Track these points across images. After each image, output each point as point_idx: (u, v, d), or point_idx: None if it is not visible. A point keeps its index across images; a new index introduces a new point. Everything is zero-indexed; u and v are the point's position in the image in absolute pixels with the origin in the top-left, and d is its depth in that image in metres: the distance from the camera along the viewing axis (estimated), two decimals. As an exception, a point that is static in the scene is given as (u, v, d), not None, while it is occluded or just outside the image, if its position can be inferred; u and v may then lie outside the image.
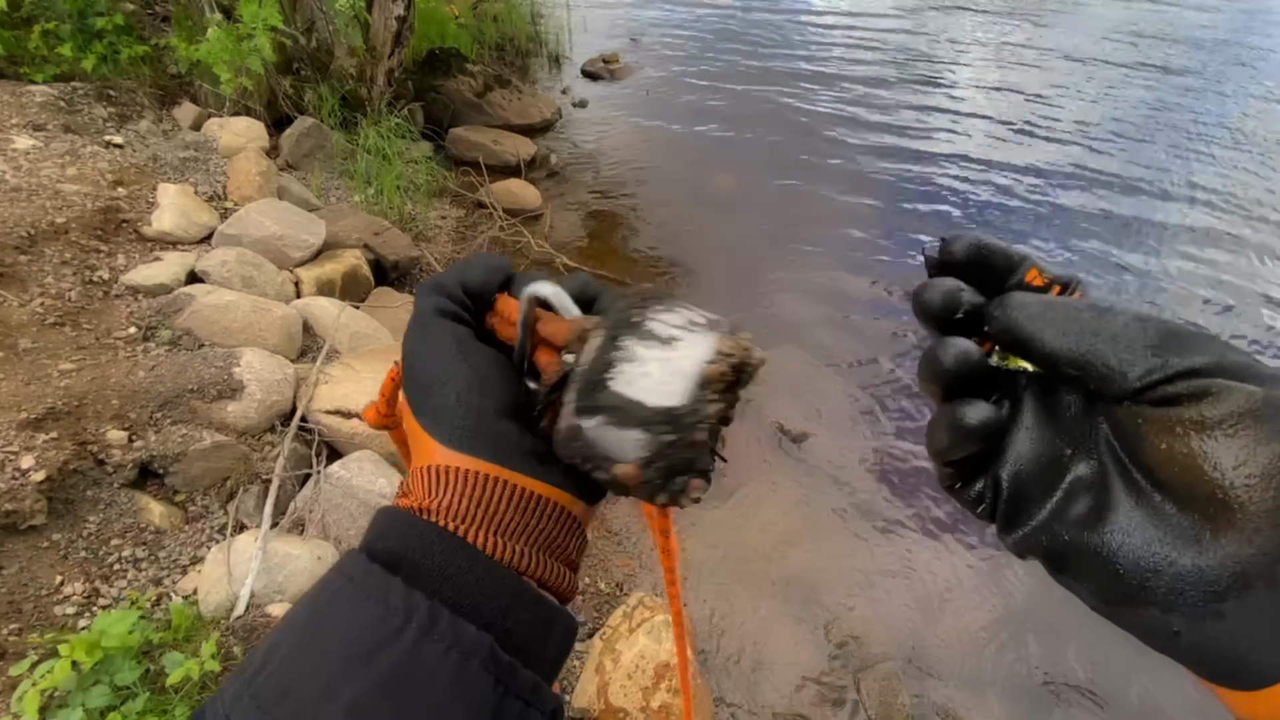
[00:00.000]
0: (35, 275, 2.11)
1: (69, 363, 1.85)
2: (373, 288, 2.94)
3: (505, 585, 0.27)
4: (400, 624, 0.24)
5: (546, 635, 0.28)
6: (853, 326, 3.51)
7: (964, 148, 5.27)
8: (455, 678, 0.24)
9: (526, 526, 0.29)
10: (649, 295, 0.30)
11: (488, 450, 0.29)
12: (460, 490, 0.28)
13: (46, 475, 1.54)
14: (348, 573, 0.26)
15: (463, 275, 0.34)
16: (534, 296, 0.33)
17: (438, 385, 0.30)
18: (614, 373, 0.27)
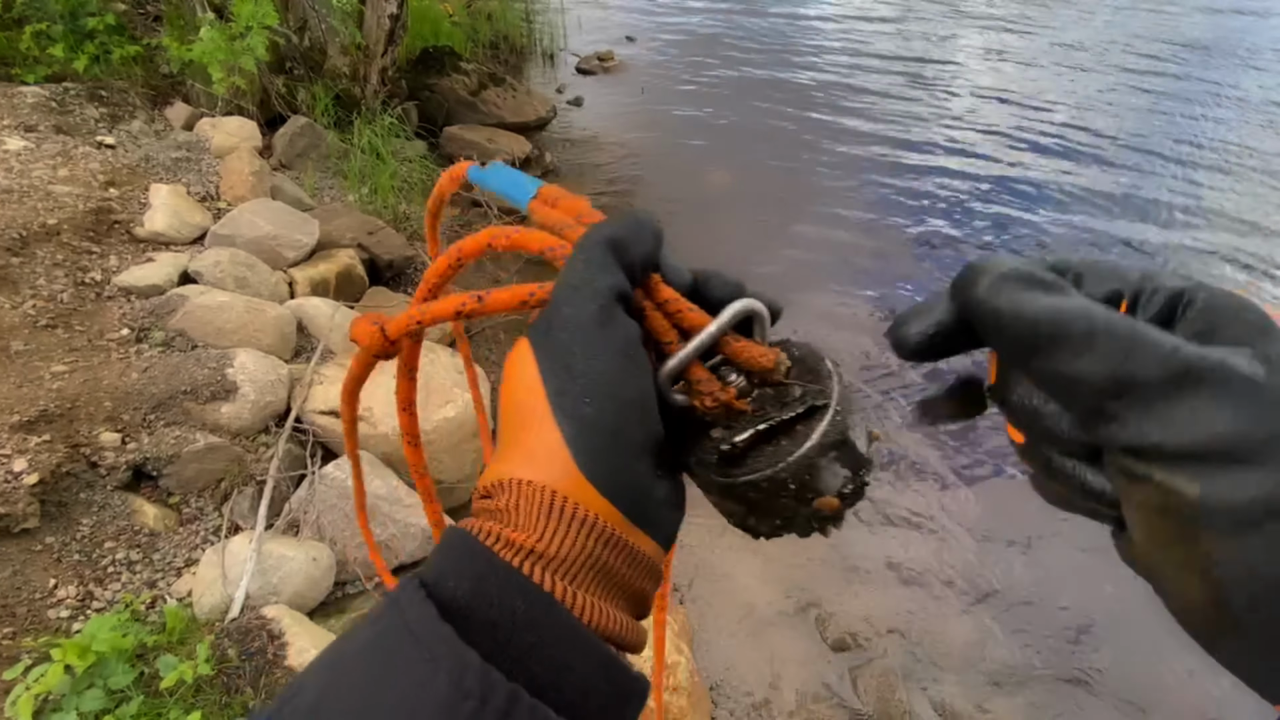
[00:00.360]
0: (27, 277, 2.10)
1: (61, 365, 1.84)
2: (367, 287, 2.93)
3: (593, 659, 0.24)
4: (474, 710, 0.20)
5: (624, 710, 0.25)
6: (848, 322, 3.51)
7: (958, 149, 5.27)
8: None
9: (623, 582, 0.26)
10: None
11: (624, 497, 0.25)
12: (577, 540, 0.24)
13: (39, 478, 1.53)
14: (412, 627, 0.22)
15: (645, 245, 0.28)
16: (745, 312, 0.30)
17: (602, 395, 0.25)
18: (850, 418, 0.29)
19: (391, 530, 1.88)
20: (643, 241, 0.28)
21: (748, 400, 0.30)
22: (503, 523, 0.25)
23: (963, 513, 2.68)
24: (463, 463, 2.25)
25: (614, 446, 0.25)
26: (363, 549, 1.81)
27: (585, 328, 0.26)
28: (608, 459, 0.25)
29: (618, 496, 0.25)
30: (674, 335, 0.29)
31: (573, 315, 0.26)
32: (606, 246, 0.27)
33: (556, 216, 0.31)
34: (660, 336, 0.30)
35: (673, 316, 0.29)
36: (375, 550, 0.50)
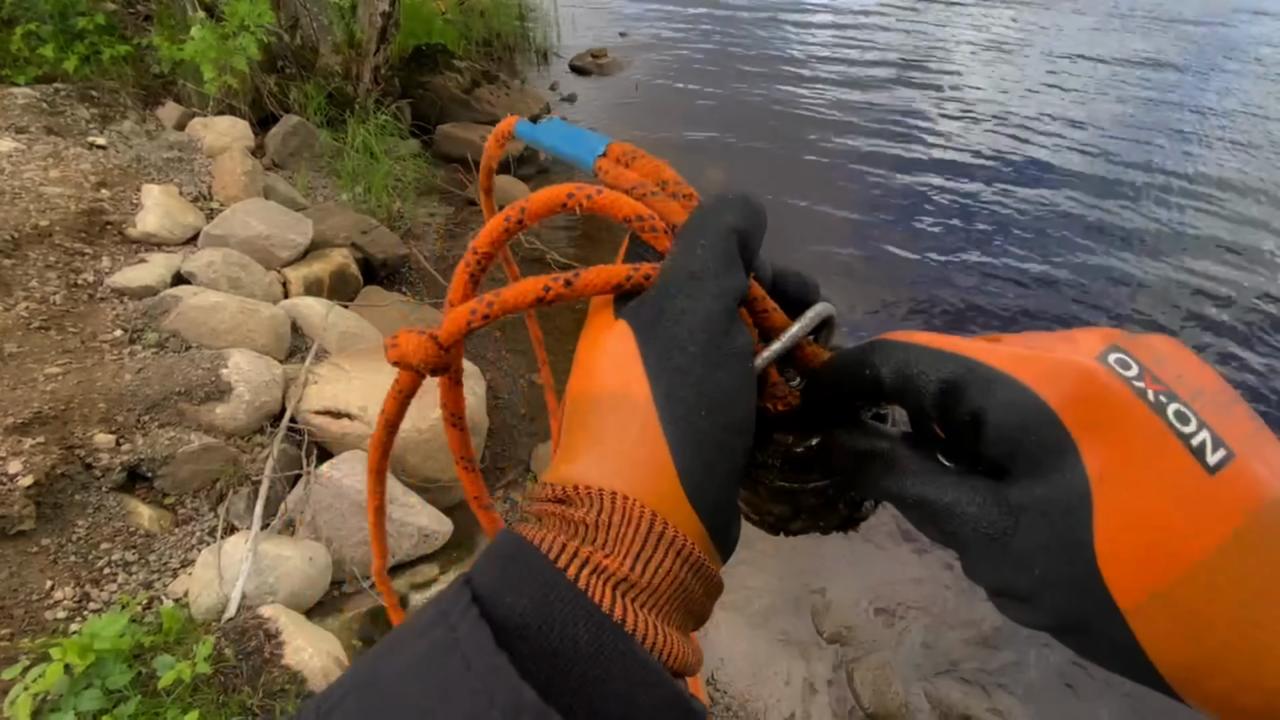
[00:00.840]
0: (19, 279, 2.10)
1: (55, 367, 1.84)
2: (361, 287, 2.93)
3: (658, 696, 0.21)
4: None
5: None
6: (853, 320, 3.52)
7: (952, 145, 5.28)
8: None
9: (698, 610, 0.24)
10: None
11: (718, 526, 0.23)
12: (673, 570, 0.22)
13: (34, 480, 1.53)
14: (465, 650, 0.20)
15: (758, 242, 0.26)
16: (824, 316, 0.28)
17: (720, 410, 0.23)
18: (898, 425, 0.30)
19: (387, 529, 1.89)
20: (759, 235, 0.26)
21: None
22: (583, 539, 0.22)
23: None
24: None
25: (722, 470, 0.23)
26: (359, 549, 1.82)
27: (709, 330, 0.23)
28: (714, 480, 0.23)
29: (714, 520, 0.23)
30: (755, 334, 0.28)
31: (692, 311, 0.23)
32: (733, 237, 0.24)
33: (632, 178, 0.28)
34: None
35: (759, 315, 0.27)
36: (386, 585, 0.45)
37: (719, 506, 0.23)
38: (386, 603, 0.45)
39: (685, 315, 0.23)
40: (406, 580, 1.88)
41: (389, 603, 0.45)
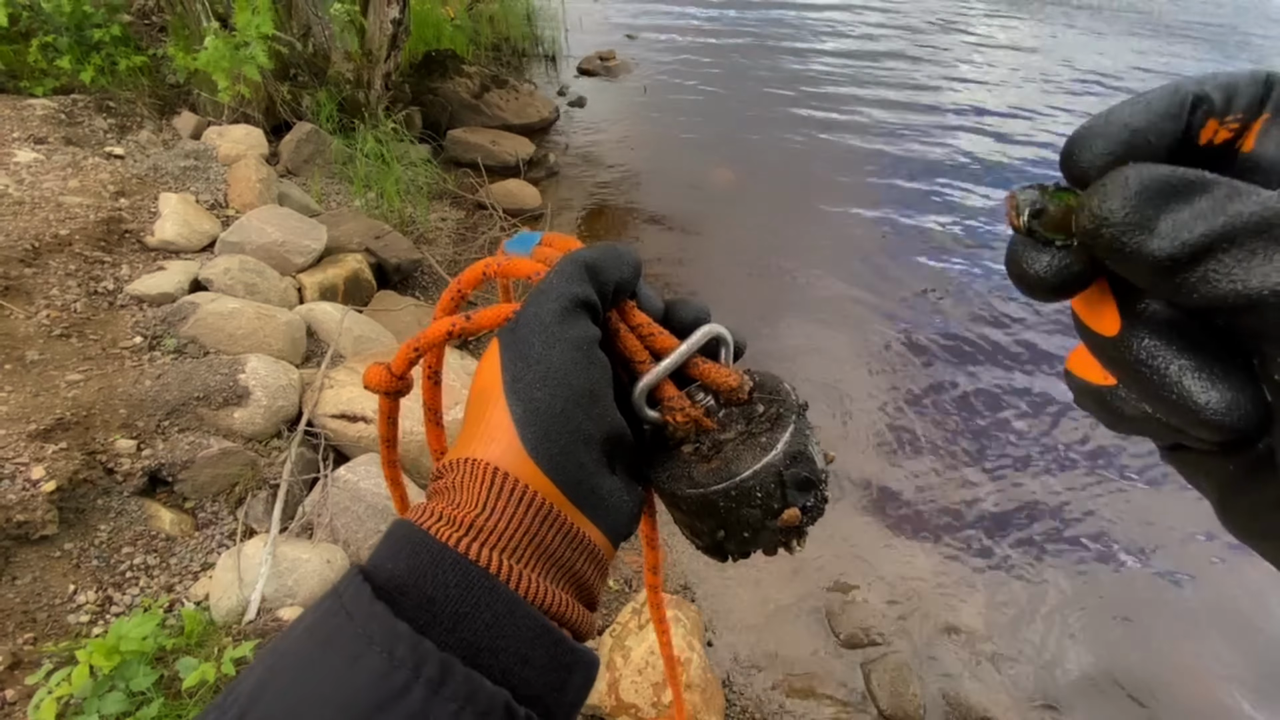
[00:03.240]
0: (41, 288, 2.13)
1: (76, 373, 1.87)
2: (375, 291, 2.95)
3: (526, 627, 0.24)
4: (407, 680, 0.21)
5: (565, 681, 0.26)
6: (861, 316, 3.50)
7: (965, 143, 5.24)
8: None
9: (563, 561, 0.27)
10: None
11: (565, 477, 0.27)
12: (517, 514, 0.26)
13: (57, 485, 1.55)
14: (348, 607, 0.23)
15: (618, 271, 0.30)
16: (712, 335, 0.33)
17: (552, 381, 0.27)
18: (810, 434, 0.32)
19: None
20: (617, 268, 0.30)
21: (715, 419, 0.32)
22: (447, 500, 0.26)
23: (985, 509, 2.67)
24: (473, 464, 2.26)
25: (560, 430, 0.27)
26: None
27: (544, 322, 0.28)
28: (553, 440, 0.27)
29: (559, 476, 0.27)
30: (646, 356, 0.32)
31: (535, 313, 0.28)
32: (580, 264, 0.30)
33: (550, 253, 0.34)
34: (633, 357, 0.32)
35: (645, 339, 0.32)
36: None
37: (567, 466, 0.27)
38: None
39: (530, 318, 0.29)
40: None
41: None
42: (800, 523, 0.31)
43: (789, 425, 0.31)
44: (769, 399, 0.32)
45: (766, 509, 0.31)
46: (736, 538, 0.32)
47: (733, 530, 0.31)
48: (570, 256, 0.30)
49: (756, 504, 0.30)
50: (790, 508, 0.31)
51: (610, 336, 0.32)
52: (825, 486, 0.32)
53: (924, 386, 3.12)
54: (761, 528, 0.31)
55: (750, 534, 0.32)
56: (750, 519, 0.31)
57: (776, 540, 0.32)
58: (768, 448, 0.30)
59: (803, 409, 0.32)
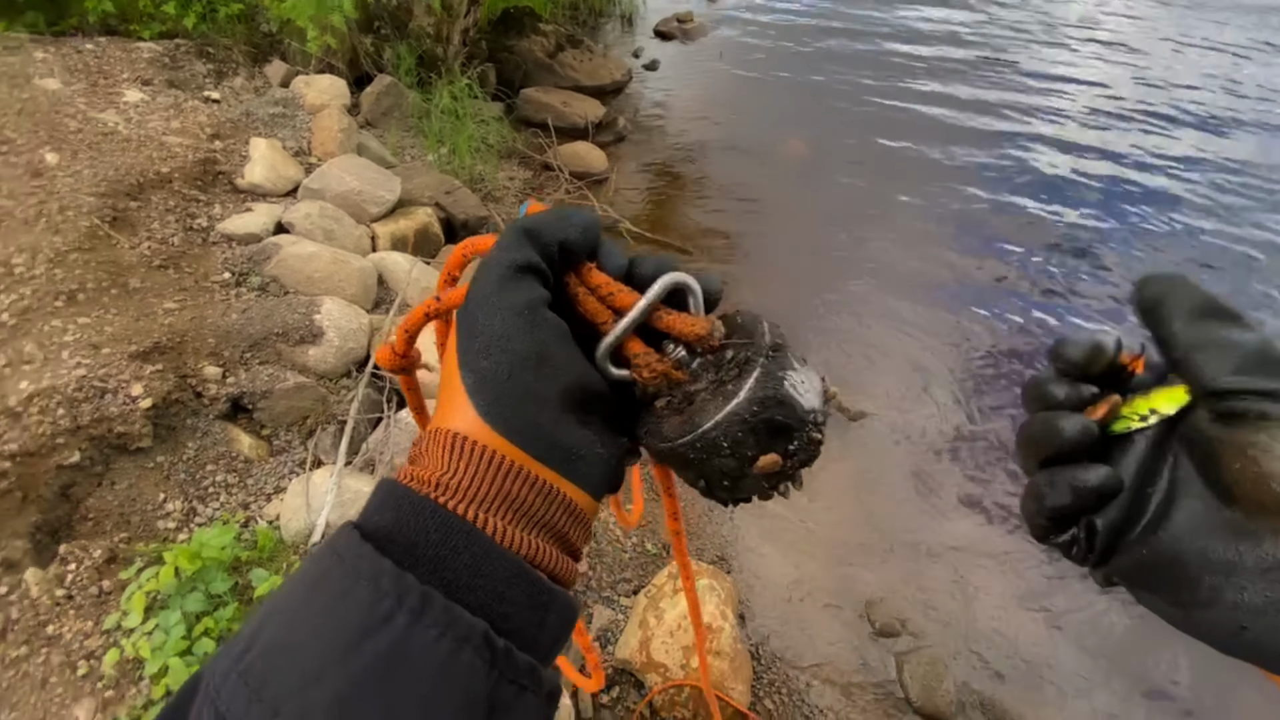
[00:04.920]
0: (144, 221, 2.29)
1: (172, 302, 2.01)
2: (442, 245, 3.03)
3: (502, 568, 0.26)
4: (391, 609, 0.23)
5: (543, 618, 0.27)
6: (923, 308, 3.37)
7: (1064, 132, 4.88)
8: (447, 664, 0.23)
9: (536, 514, 0.28)
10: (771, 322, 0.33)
11: (522, 436, 0.28)
12: (480, 472, 0.27)
13: (152, 403, 1.70)
14: (339, 551, 0.25)
15: (561, 232, 0.30)
16: (673, 285, 0.31)
17: (496, 348, 0.28)
18: (786, 374, 0.30)
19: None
20: (559, 229, 0.30)
21: (687, 370, 0.31)
22: (419, 465, 0.28)
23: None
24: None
25: (510, 394, 0.28)
26: (430, 492, 1.93)
27: (484, 293, 0.29)
28: (504, 404, 0.28)
29: (517, 437, 0.28)
30: (609, 316, 0.31)
31: (477, 286, 0.29)
32: (519, 230, 0.30)
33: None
34: (595, 318, 0.31)
35: (606, 299, 0.31)
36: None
37: (524, 427, 0.28)
38: None
39: (473, 290, 0.29)
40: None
41: None
42: (784, 467, 0.30)
43: (754, 370, 0.29)
44: (739, 344, 0.31)
45: (739, 458, 0.30)
46: (719, 486, 0.31)
47: (712, 480, 0.31)
48: (511, 226, 0.31)
49: (726, 454, 0.29)
50: (766, 454, 0.30)
51: (571, 300, 0.31)
52: (814, 428, 0.30)
53: (986, 389, 3.00)
54: (741, 475, 0.30)
55: (731, 482, 0.31)
56: (726, 468, 0.30)
57: (762, 486, 0.31)
58: (731, 396, 0.29)
59: (774, 350, 0.30)
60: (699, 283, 0.32)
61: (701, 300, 0.32)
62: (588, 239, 0.32)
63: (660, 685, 1.93)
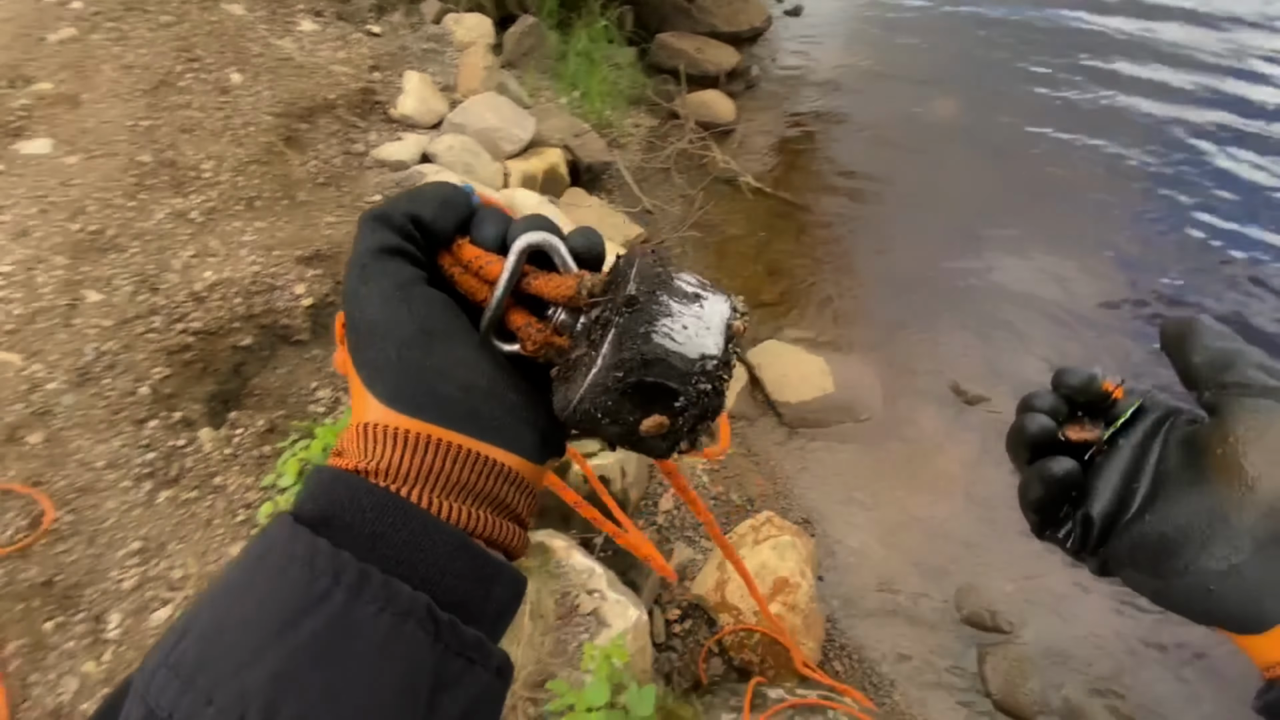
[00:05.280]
0: (311, 142, 2.54)
1: (332, 216, 2.24)
2: (567, 187, 3.13)
3: (442, 542, 0.25)
4: (327, 586, 0.22)
5: (488, 591, 0.27)
6: (1059, 298, 3.07)
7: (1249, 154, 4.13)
8: (389, 639, 0.23)
9: (470, 485, 0.27)
10: (659, 254, 0.29)
11: (431, 412, 0.27)
12: (398, 451, 0.26)
13: (312, 302, 1.93)
14: (272, 537, 0.24)
15: (412, 207, 0.30)
16: (530, 247, 0.29)
17: (378, 336, 0.27)
18: (655, 326, 0.27)
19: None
20: (413, 206, 0.29)
21: (570, 335, 0.29)
22: (342, 459, 0.28)
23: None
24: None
25: (405, 377, 0.27)
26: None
27: (352, 288, 0.29)
28: (403, 385, 0.27)
29: (427, 412, 0.27)
30: (487, 290, 0.29)
31: (345, 284, 0.29)
32: (367, 218, 0.29)
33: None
34: (475, 296, 0.30)
35: (479, 273, 0.29)
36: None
37: (425, 404, 0.27)
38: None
39: (345, 291, 0.29)
40: (572, 448, 2.10)
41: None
42: (676, 426, 0.28)
43: (610, 331, 0.26)
44: (602, 300, 0.28)
45: (622, 423, 0.27)
46: (628, 447, 0.29)
47: (618, 442, 0.29)
48: (360, 217, 0.30)
49: (607, 422, 0.27)
50: (648, 418, 0.27)
51: (444, 280, 0.30)
52: (702, 378, 0.27)
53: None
54: (638, 438, 0.28)
55: (634, 443, 0.29)
56: (618, 433, 0.28)
57: (665, 445, 0.29)
58: (591, 364, 0.27)
59: (631, 302, 0.26)
60: (566, 238, 0.30)
61: (568, 257, 0.30)
62: (449, 213, 0.30)
63: (732, 626, 1.99)
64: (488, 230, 0.31)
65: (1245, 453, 0.30)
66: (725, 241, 3.33)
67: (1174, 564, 0.31)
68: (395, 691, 0.22)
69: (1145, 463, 0.34)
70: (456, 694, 0.24)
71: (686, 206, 3.44)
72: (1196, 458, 0.32)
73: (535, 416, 0.29)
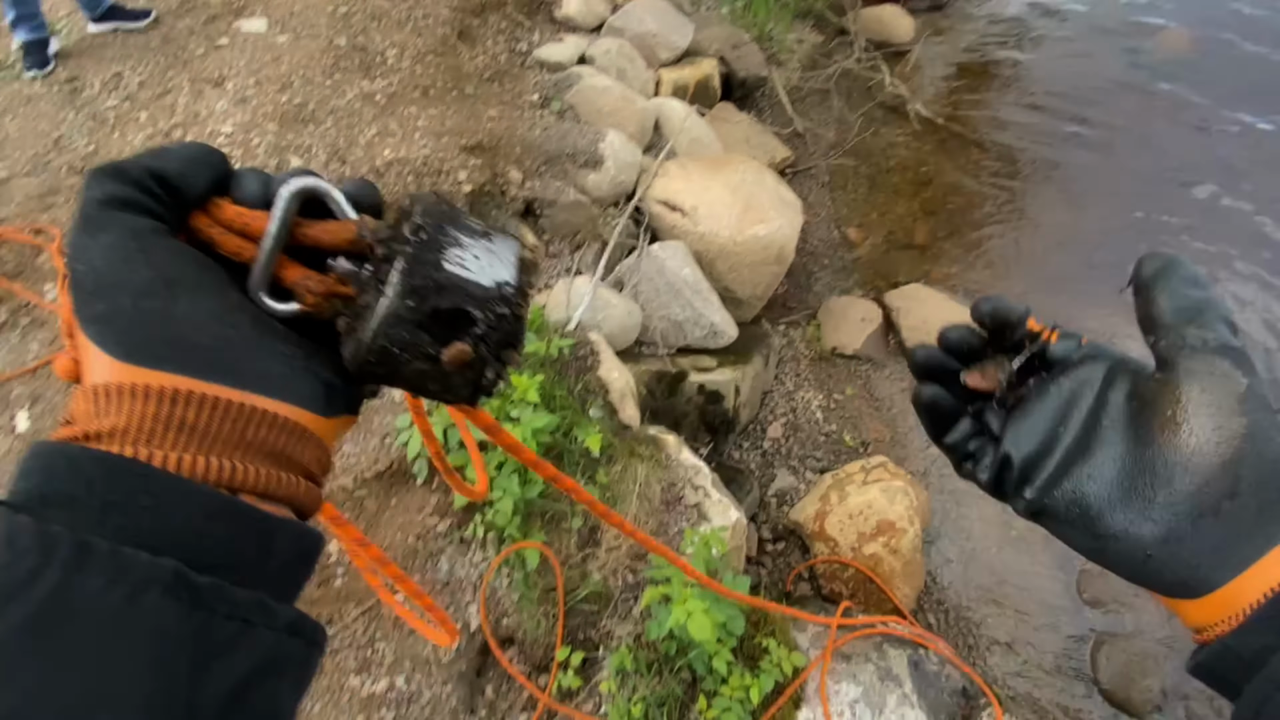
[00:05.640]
0: (480, 37, 2.64)
1: (494, 110, 2.35)
2: (718, 100, 3.04)
3: (196, 502, 0.23)
4: (36, 565, 0.20)
5: (267, 546, 0.24)
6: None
7: None
8: (123, 612, 0.20)
9: (233, 438, 0.25)
10: (443, 197, 0.28)
11: (177, 363, 0.24)
12: (137, 407, 0.23)
13: (472, 188, 2.06)
14: None
15: (154, 163, 0.27)
16: (302, 191, 0.27)
17: (109, 289, 0.24)
18: (445, 255, 0.26)
19: (684, 315, 2.14)
20: (153, 162, 0.27)
21: (355, 282, 0.27)
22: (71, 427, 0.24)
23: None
24: (758, 279, 2.38)
25: (142, 323, 0.24)
26: (663, 321, 2.11)
27: (77, 241, 0.26)
28: (139, 335, 0.24)
29: (166, 364, 0.24)
30: (254, 248, 0.27)
31: (69, 238, 0.26)
32: (95, 172, 0.26)
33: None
34: (240, 255, 0.27)
35: (243, 231, 0.27)
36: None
37: (168, 351, 0.24)
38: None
39: (67, 243, 0.26)
40: (690, 362, 2.14)
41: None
42: (481, 353, 0.27)
43: (396, 263, 0.26)
44: (386, 238, 0.27)
45: (424, 357, 0.26)
46: (435, 391, 0.28)
47: (422, 388, 0.28)
48: (87, 170, 0.27)
49: (407, 360, 0.26)
50: (450, 347, 0.26)
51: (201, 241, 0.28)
52: (499, 303, 0.27)
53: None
54: (442, 376, 0.27)
55: (439, 384, 0.28)
56: (420, 372, 0.27)
57: (468, 380, 0.28)
58: (379, 300, 0.26)
59: (419, 229, 0.26)
60: (340, 186, 0.29)
61: (345, 203, 0.28)
62: (200, 170, 0.27)
63: (826, 556, 2.00)
64: (250, 185, 0.28)
65: (1196, 414, 0.29)
66: (880, 174, 3.10)
67: (1108, 523, 0.30)
68: (145, 663, 0.20)
69: (1076, 408, 0.33)
70: (233, 659, 0.22)
71: (842, 132, 3.23)
72: (1142, 413, 0.31)
73: (314, 366, 0.27)
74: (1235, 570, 0.28)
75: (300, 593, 0.26)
